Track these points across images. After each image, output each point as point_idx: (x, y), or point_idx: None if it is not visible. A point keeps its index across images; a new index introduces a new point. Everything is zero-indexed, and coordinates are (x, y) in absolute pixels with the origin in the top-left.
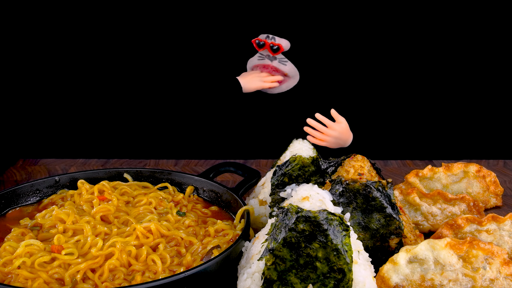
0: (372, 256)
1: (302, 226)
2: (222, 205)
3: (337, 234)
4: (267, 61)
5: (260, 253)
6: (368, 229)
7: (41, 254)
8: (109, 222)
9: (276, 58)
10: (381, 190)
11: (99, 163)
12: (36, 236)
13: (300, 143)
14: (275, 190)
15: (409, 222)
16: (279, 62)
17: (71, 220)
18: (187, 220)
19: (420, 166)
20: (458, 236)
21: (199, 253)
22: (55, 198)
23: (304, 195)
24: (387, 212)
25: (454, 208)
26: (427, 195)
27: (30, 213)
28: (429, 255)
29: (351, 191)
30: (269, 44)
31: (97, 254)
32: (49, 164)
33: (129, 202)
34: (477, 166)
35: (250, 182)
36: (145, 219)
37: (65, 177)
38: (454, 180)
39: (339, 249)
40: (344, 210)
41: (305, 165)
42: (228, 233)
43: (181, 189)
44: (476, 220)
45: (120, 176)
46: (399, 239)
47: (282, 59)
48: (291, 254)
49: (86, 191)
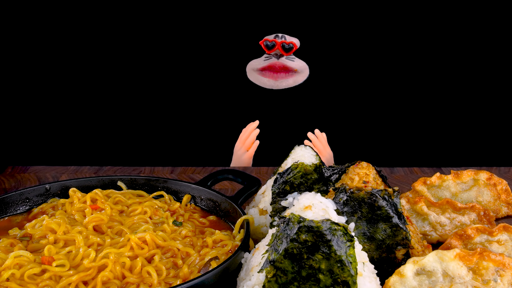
0: (378, 268)
1: (304, 237)
2: (221, 214)
3: (341, 245)
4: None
5: (260, 265)
6: (373, 240)
7: (31, 265)
8: (102, 232)
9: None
10: (387, 199)
11: (92, 170)
12: (26, 247)
13: (302, 150)
14: (276, 198)
15: (416, 233)
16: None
17: (62, 230)
18: (184, 230)
19: (428, 173)
20: (468, 247)
21: (196, 265)
22: (46, 207)
23: (306, 204)
24: (394, 222)
25: (464, 218)
26: (435, 204)
27: (19, 222)
28: (438, 267)
29: (355, 200)
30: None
31: (89, 266)
32: (39, 171)
33: (123, 212)
34: (487, 173)
35: (250, 191)
36: (139, 229)
37: (56, 185)
38: (463, 188)
39: (343, 261)
40: (349, 220)
41: (307, 172)
42: (226, 244)
43: (178, 198)
44: (486, 230)
45: (114, 184)
46: (406, 250)
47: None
48: (293, 266)
49: (78, 199)
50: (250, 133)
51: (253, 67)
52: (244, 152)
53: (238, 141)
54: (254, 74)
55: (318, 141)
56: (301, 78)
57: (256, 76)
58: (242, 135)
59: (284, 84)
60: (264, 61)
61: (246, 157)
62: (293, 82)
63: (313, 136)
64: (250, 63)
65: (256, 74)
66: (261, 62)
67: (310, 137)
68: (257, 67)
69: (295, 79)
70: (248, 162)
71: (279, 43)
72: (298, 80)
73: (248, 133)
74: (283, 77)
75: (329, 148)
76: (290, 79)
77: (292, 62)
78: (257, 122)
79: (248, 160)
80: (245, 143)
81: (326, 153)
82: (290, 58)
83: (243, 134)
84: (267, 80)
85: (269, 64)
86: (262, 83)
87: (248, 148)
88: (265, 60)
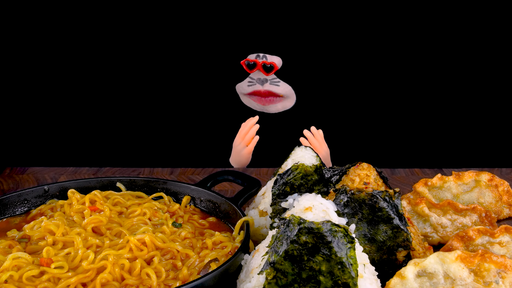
0: (379, 269)
1: (304, 238)
2: (220, 216)
3: (342, 246)
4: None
5: (260, 267)
6: (374, 241)
7: (29, 267)
8: (101, 234)
9: (267, 80)
10: (388, 200)
11: (91, 171)
12: (24, 248)
13: (302, 151)
14: (276, 200)
15: (417, 234)
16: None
17: (61, 232)
18: (183, 232)
19: (429, 174)
20: (469, 249)
21: (196, 267)
22: (44, 208)
23: (306, 205)
24: (394, 223)
25: (465, 219)
26: (436, 205)
27: (17, 224)
28: (439, 269)
29: (356, 201)
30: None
31: (88, 268)
32: (38, 172)
33: (122, 213)
34: (489, 174)
35: (250, 192)
36: (139, 230)
37: (54, 187)
38: (465, 189)
39: (344, 263)
40: (349, 221)
41: (307, 173)
42: (226, 246)
43: (177, 199)
44: (488, 232)
45: (113, 185)
46: (407, 252)
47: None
48: (293, 267)
49: (76, 201)
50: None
51: (239, 91)
52: (243, 147)
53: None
54: (243, 97)
55: (313, 139)
56: (289, 104)
57: (245, 99)
58: (242, 130)
59: (273, 109)
60: (248, 87)
61: (246, 152)
62: (282, 107)
63: (309, 133)
64: (237, 86)
65: (244, 97)
66: (245, 87)
67: (306, 134)
68: (242, 91)
69: (283, 104)
70: (247, 157)
71: (260, 63)
72: (286, 106)
73: (247, 128)
74: (271, 102)
75: (326, 145)
76: (278, 105)
77: (277, 87)
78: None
79: (247, 155)
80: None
81: (322, 150)
82: (274, 83)
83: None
84: (256, 104)
85: (254, 91)
86: (252, 106)
87: (248, 143)
88: (249, 86)
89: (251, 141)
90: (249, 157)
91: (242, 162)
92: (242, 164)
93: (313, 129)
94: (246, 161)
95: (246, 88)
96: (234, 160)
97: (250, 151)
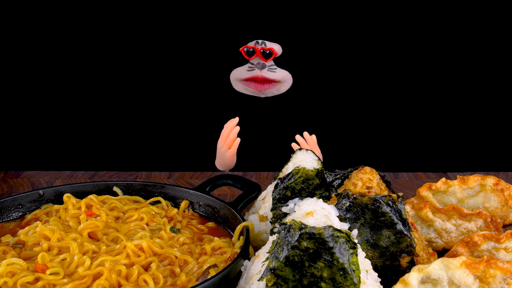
0: (382, 276)
1: (305, 244)
2: (220, 221)
3: (344, 252)
4: (256, 72)
5: (260, 273)
6: (377, 247)
7: (24, 273)
8: (97, 239)
9: (265, 66)
10: (391, 205)
11: (87, 175)
12: (19, 254)
13: (303, 154)
14: (276, 204)
15: (421, 239)
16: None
17: (56, 237)
18: (181, 237)
19: (433, 179)
20: (474, 255)
21: (194, 273)
22: (39, 213)
23: (308, 210)
24: (398, 228)
25: (470, 224)
26: (440, 210)
27: (12, 229)
28: (443, 275)
29: (358, 205)
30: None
31: (84, 274)
32: (33, 176)
33: (119, 218)
34: (494, 179)
35: (249, 196)
36: (136, 236)
37: (49, 191)
38: (470, 194)
39: (346, 269)
40: (351, 227)
41: (309, 177)
42: (226, 251)
43: (175, 204)
44: (493, 237)
45: (110, 190)
46: (410, 258)
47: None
48: (294, 274)
49: (72, 205)
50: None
51: (236, 77)
52: (226, 150)
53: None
54: (238, 84)
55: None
56: (284, 88)
57: (240, 86)
58: (223, 132)
59: (269, 94)
60: (248, 72)
61: (229, 155)
62: (277, 91)
63: (301, 139)
64: (233, 72)
65: (240, 83)
66: (244, 72)
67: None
68: (240, 77)
69: (278, 88)
70: (231, 159)
71: (258, 49)
72: (281, 89)
73: (228, 130)
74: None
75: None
76: (273, 89)
77: (273, 73)
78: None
79: (231, 158)
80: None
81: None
82: (271, 70)
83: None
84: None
85: (252, 76)
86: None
87: (230, 145)
88: (248, 71)
89: (233, 144)
90: (233, 159)
91: (227, 165)
92: (228, 166)
93: (305, 135)
94: (230, 164)
95: (245, 73)
96: (219, 163)
97: (233, 154)
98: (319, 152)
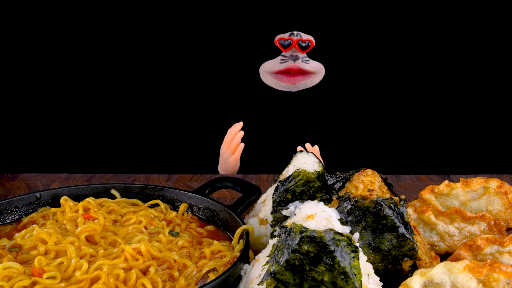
0: (384, 280)
1: (306, 247)
2: (219, 224)
3: (345, 256)
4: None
5: (260, 277)
6: (379, 251)
7: (20, 278)
8: (95, 242)
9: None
10: (393, 208)
11: (84, 178)
12: (15, 258)
13: (304, 156)
14: (277, 207)
15: (423, 243)
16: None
17: (53, 241)
18: (180, 241)
19: (435, 181)
20: (478, 258)
21: (193, 277)
22: (36, 216)
23: (308, 213)
24: (400, 232)
25: (473, 228)
26: (443, 213)
27: (8, 232)
28: (446, 279)
29: (360, 209)
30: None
31: (81, 278)
32: (29, 179)
33: (117, 221)
34: (498, 181)
35: (249, 199)
36: (134, 239)
37: (46, 194)
38: (473, 196)
39: (347, 273)
40: (353, 230)
41: (310, 180)
42: (225, 255)
43: (174, 207)
44: (497, 241)
45: (107, 193)
46: (412, 262)
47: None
48: (294, 278)
49: (69, 208)
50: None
51: (267, 69)
52: (229, 155)
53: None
54: (269, 77)
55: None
56: (318, 79)
57: (271, 79)
58: (227, 137)
59: (302, 86)
60: (281, 64)
61: (232, 160)
62: (310, 82)
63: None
64: (264, 64)
65: (271, 77)
66: (277, 64)
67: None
68: (272, 69)
69: (312, 79)
70: (235, 165)
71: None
72: (315, 81)
73: (232, 135)
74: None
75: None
76: (307, 80)
77: (307, 64)
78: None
79: (234, 163)
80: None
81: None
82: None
83: (228, 135)
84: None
85: (286, 67)
86: (279, 85)
87: (234, 151)
88: (281, 63)
89: (237, 149)
90: (237, 164)
91: (230, 170)
92: (231, 171)
93: (308, 146)
94: (234, 169)
95: (278, 65)
96: (222, 168)
97: (237, 159)
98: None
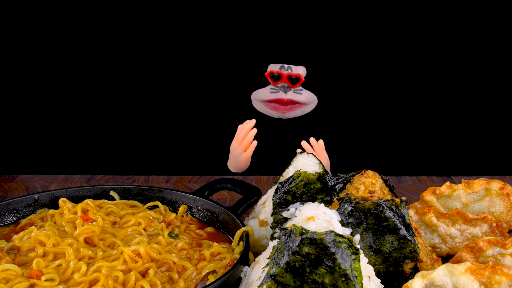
0: (385, 282)
1: (307, 249)
2: (219, 226)
3: (346, 258)
4: (281, 95)
5: (260, 279)
6: (380, 253)
7: (18, 280)
8: (93, 244)
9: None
10: (394, 210)
11: (83, 179)
12: (13, 260)
13: (304, 158)
14: (277, 209)
15: (425, 245)
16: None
17: (51, 243)
18: (180, 243)
19: (437, 183)
20: (480, 260)
21: (193, 279)
22: (34, 218)
23: (309, 215)
24: (401, 233)
25: (475, 229)
26: (445, 215)
27: (6, 234)
28: (448, 281)
29: (361, 210)
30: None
31: (80, 280)
32: (28, 180)
33: (116, 223)
34: (500, 182)
35: (249, 201)
36: (133, 241)
37: (45, 195)
38: (475, 198)
39: (348, 275)
40: (354, 232)
41: (310, 181)
42: (225, 257)
43: (174, 209)
44: (499, 243)
45: (106, 194)
46: (414, 264)
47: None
48: (295, 280)
49: (68, 210)
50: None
51: (258, 97)
52: (241, 153)
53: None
54: (259, 104)
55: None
56: (309, 109)
57: (261, 107)
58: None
59: (291, 115)
60: (271, 93)
61: (244, 157)
62: (301, 112)
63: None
64: (255, 92)
65: (261, 104)
66: (267, 93)
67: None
68: (263, 98)
69: (302, 110)
70: (246, 162)
71: (285, 75)
72: (305, 111)
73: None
74: (290, 109)
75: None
76: (298, 111)
77: (299, 95)
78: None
79: (246, 161)
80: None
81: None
82: (297, 91)
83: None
84: (274, 113)
85: (277, 98)
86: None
87: (246, 148)
88: (271, 93)
89: (250, 146)
90: (248, 162)
91: (241, 167)
92: (241, 169)
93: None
94: (244, 166)
95: (268, 95)
96: (232, 165)
97: (249, 157)
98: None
